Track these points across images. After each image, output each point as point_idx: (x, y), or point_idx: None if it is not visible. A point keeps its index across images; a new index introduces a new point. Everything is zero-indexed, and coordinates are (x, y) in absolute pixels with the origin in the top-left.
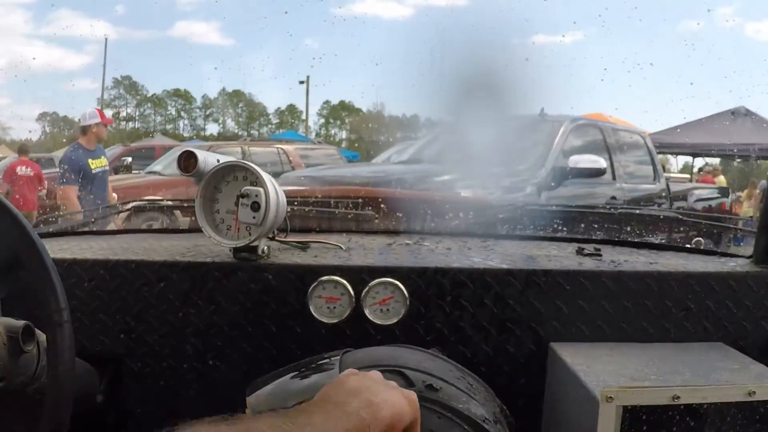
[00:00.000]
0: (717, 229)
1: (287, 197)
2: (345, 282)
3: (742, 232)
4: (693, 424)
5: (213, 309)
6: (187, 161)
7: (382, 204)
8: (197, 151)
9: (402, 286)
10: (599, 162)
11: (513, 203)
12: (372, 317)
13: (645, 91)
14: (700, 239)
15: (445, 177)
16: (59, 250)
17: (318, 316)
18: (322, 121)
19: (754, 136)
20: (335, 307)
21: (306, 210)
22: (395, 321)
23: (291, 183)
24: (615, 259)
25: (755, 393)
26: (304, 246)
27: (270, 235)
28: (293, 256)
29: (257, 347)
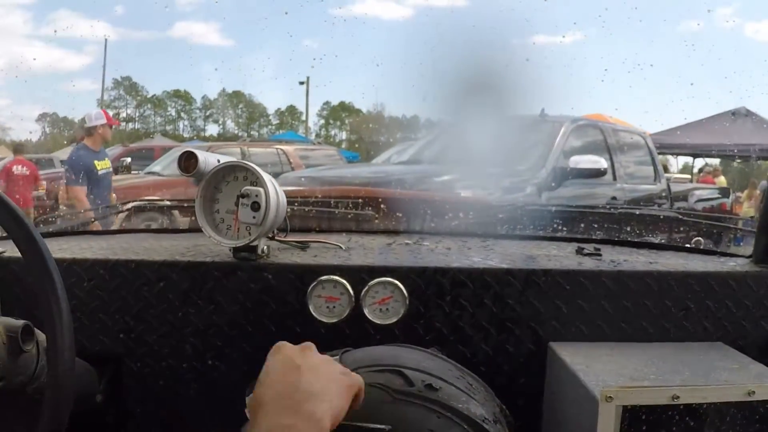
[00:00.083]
0: (717, 229)
1: (287, 197)
2: (344, 282)
3: (741, 232)
4: (692, 423)
5: (213, 309)
6: (188, 161)
7: (381, 204)
8: (197, 152)
9: (401, 285)
10: (600, 162)
11: (513, 203)
12: (371, 317)
13: (645, 92)
14: (699, 239)
15: (446, 177)
16: (59, 249)
17: (317, 315)
18: (322, 122)
19: (754, 136)
20: (335, 307)
21: (306, 210)
22: (395, 321)
23: (290, 183)
24: (615, 259)
25: (755, 393)
26: (303, 246)
27: (270, 235)
28: (293, 255)
29: (257, 347)
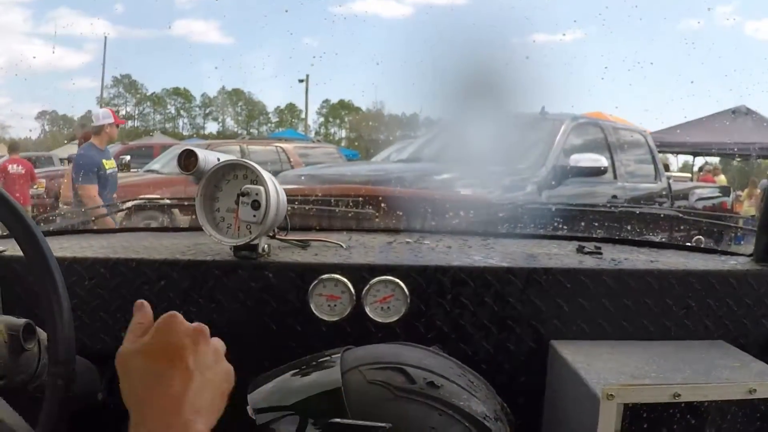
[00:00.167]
0: (717, 228)
1: (287, 196)
2: (345, 280)
3: (742, 230)
4: (694, 422)
5: (213, 307)
6: (188, 160)
7: (382, 202)
8: (197, 150)
9: (402, 284)
10: (600, 161)
11: (513, 202)
12: (373, 315)
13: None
14: (700, 237)
15: (446, 175)
16: (60, 248)
17: (319, 314)
18: (321, 120)
19: (754, 135)
20: (336, 305)
21: (306, 208)
22: (396, 319)
23: (290, 181)
24: (615, 258)
25: (756, 391)
26: (304, 244)
27: (270, 234)
28: (294, 254)
29: (258, 345)
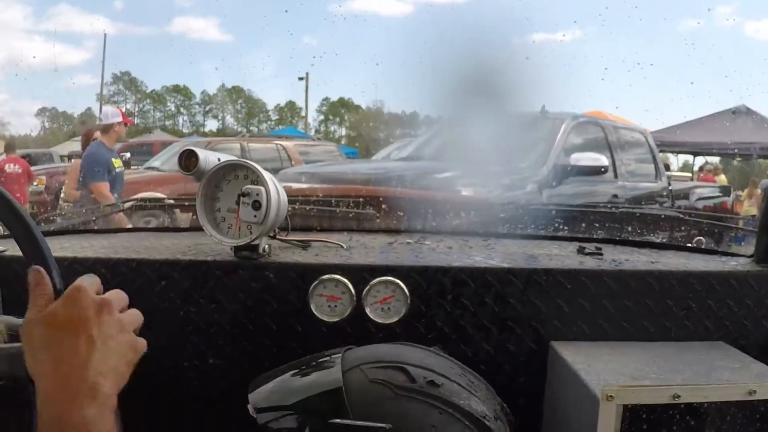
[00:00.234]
0: (718, 229)
1: (287, 194)
2: (346, 281)
3: (743, 231)
4: (693, 423)
5: (214, 307)
6: (188, 160)
7: (383, 203)
8: (198, 150)
9: (403, 284)
10: (601, 160)
11: (514, 202)
12: (373, 316)
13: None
14: (701, 238)
15: (446, 174)
16: (60, 248)
17: (319, 314)
18: (321, 118)
19: (754, 135)
20: (336, 306)
21: (307, 209)
22: (396, 320)
23: (289, 179)
24: (616, 258)
25: (756, 392)
26: (305, 245)
27: (271, 234)
28: (294, 254)
29: (258, 346)
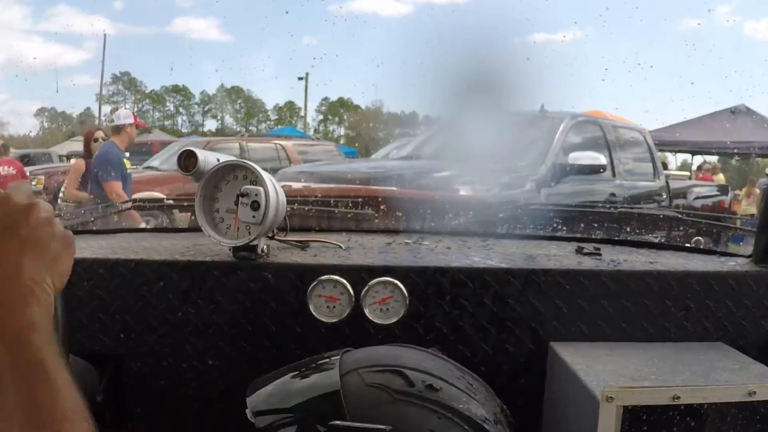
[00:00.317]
0: (716, 229)
1: (286, 194)
2: (345, 281)
3: (741, 231)
4: (693, 424)
5: (212, 308)
6: (188, 160)
7: (381, 203)
8: (197, 151)
9: (401, 285)
10: (599, 159)
11: (513, 201)
12: (372, 316)
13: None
14: (699, 238)
15: (445, 173)
16: None
17: (318, 315)
18: (320, 118)
19: (753, 134)
20: (335, 307)
21: (306, 209)
22: (395, 320)
23: (289, 179)
24: (615, 259)
25: (755, 393)
26: (303, 245)
27: (270, 234)
28: (293, 255)
29: (257, 346)
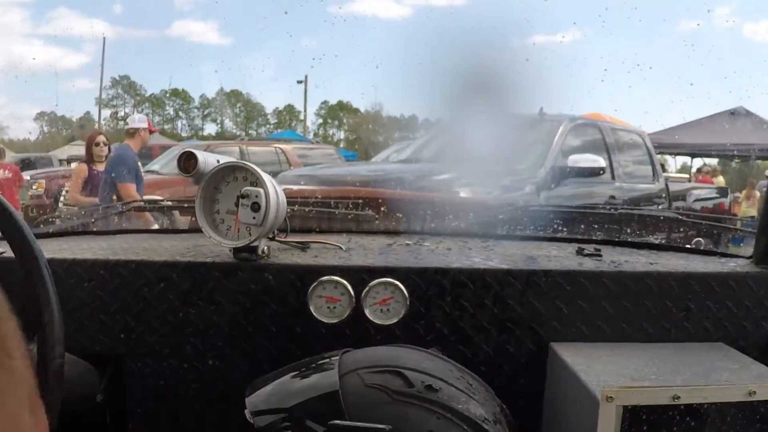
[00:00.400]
0: (717, 230)
1: (286, 196)
2: (345, 282)
3: (742, 232)
4: (693, 424)
5: (213, 309)
6: (188, 162)
7: (382, 204)
8: (197, 152)
9: (402, 286)
10: (598, 161)
11: (513, 203)
12: (372, 317)
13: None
14: (700, 239)
15: (444, 176)
16: (59, 250)
17: (318, 316)
18: (320, 121)
19: (753, 136)
20: (335, 307)
21: (306, 210)
22: (395, 321)
23: (288, 182)
24: (615, 260)
25: (755, 393)
26: (304, 246)
27: (270, 236)
28: (293, 256)
29: (257, 347)
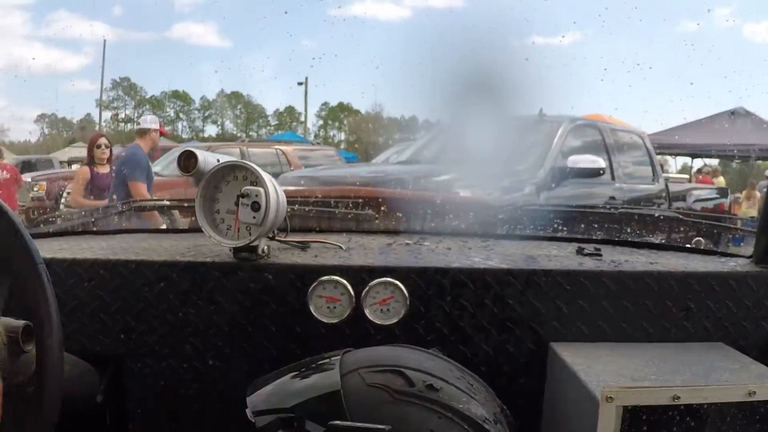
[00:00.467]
0: (717, 229)
1: (287, 197)
2: (345, 282)
3: (742, 232)
4: (693, 424)
5: (213, 309)
6: (188, 161)
7: (382, 204)
8: (197, 151)
9: (402, 286)
10: (598, 162)
11: (513, 203)
12: (372, 317)
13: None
14: (700, 239)
15: (444, 177)
16: (59, 249)
17: (318, 315)
18: (320, 123)
19: (753, 136)
20: (335, 307)
21: (306, 210)
22: (395, 321)
23: (289, 183)
24: (615, 259)
25: (755, 393)
26: (304, 246)
27: (270, 235)
28: (293, 255)
29: (257, 347)
